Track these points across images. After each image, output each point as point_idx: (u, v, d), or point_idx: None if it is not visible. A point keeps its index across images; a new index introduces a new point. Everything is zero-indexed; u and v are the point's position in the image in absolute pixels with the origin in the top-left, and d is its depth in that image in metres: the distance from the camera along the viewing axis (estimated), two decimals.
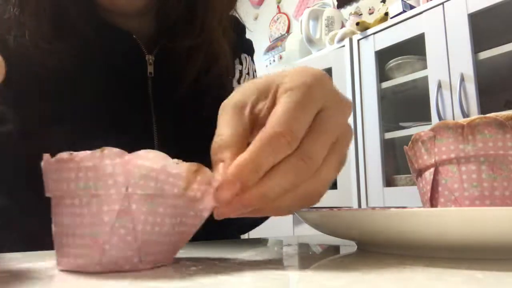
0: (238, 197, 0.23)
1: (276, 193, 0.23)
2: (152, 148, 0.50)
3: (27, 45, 0.41)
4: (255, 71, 0.63)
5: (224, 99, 0.33)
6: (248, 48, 0.63)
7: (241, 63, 0.60)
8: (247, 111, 0.25)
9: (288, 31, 2.73)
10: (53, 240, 0.22)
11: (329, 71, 1.89)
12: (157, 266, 0.23)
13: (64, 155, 0.21)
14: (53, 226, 0.21)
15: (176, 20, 0.49)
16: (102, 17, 0.46)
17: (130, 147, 0.24)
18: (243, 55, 0.60)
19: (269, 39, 2.80)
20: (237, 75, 0.58)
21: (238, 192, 0.22)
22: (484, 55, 1.38)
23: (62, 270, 0.21)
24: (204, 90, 0.51)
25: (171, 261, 0.24)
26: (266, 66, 2.38)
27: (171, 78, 0.49)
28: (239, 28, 0.61)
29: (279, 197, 0.23)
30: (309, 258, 0.28)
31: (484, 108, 1.35)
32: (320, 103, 0.24)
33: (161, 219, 0.22)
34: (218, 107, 0.27)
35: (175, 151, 0.27)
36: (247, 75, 0.60)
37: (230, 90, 0.55)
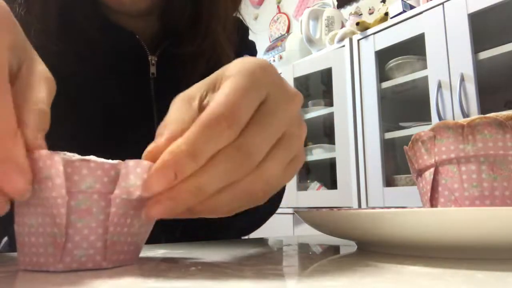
0: (168, 191, 0.20)
1: (212, 188, 0.21)
2: None
3: (33, 45, 0.42)
4: None
5: None
6: (250, 49, 0.63)
7: None
8: (195, 103, 0.24)
9: (288, 31, 2.73)
10: (16, 240, 0.22)
11: (329, 71, 1.89)
12: (121, 266, 0.23)
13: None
14: (15, 226, 0.21)
15: (180, 24, 0.48)
16: (106, 16, 0.46)
17: (132, 147, 0.24)
18: (245, 56, 0.60)
19: (269, 39, 2.80)
20: None
21: (172, 184, 0.20)
22: (484, 55, 1.38)
23: (25, 270, 0.22)
24: None
25: (135, 261, 0.24)
26: None
27: (174, 79, 0.49)
28: (243, 29, 0.61)
29: (215, 193, 0.21)
30: (309, 258, 0.28)
31: (484, 108, 1.36)
32: (263, 90, 0.22)
33: (131, 220, 0.22)
34: None
35: None
36: None
37: None
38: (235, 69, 0.22)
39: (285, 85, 0.24)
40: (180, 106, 0.24)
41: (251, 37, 0.65)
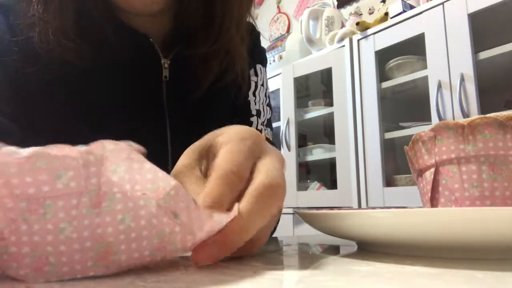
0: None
1: (255, 227, 0.23)
2: (165, 151, 0.49)
3: (51, 42, 0.42)
4: (267, 81, 0.63)
5: (239, 100, 0.35)
6: (262, 58, 0.63)
7: (256, 75, 0.59)
8: (198, 173, 0.28)
9: (288, 31, 2.73)
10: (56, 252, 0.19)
11: (329, 71, 1.89)
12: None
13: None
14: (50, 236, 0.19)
15: (194, 26, 0.48)
16: (120, 18, 0.46)
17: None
18: (258, 66, 0.60)
19: (269, 39, 2.80)
20: (252, 86, 0.58)
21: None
22: (484, 55, 1.38)
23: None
24: (219, 92, 0.51)
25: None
26: None
27: (186, 82, 0.49)
28: (255, 35, 0.61)
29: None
30: (309, 258, 0.28)
31: (484, 108, 1.36)
32: (257, 153, 0.26)
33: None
34: (231, 112, 0.27)
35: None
36: (261, 86, 0.60)
37: (243, 96, 0.56)
38: (229, 138, 0.27)
39: (271, 150, 0.28)
40: (195, 181, 0.27)
41: None
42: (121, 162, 0.19)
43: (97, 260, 0.19)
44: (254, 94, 0.58)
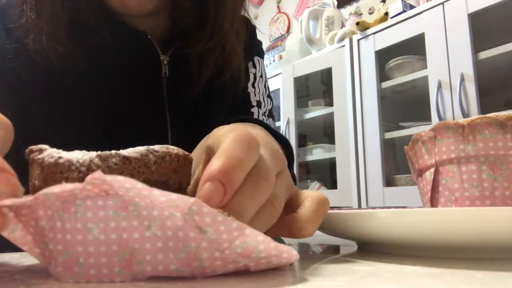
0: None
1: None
2: None
3: (44, 48, 0.42)
4: (265, 73, 0.64)
5: (236, 97, 0.33)
6: (259, 50, 0.63)
7: (254, 66, 0.60)
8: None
9: (288, 31, 2.73)
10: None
11: (329, 71, 1.89)
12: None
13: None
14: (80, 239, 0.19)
15: (189, 23, 0.48)
16: (116, 17, 0.46)
17: (144, 145, 0.24)
18: (256, 58, 0.61)
19: (269, 39, 2.80)
20: (251, 78, 0.59)
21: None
22: (484, 55, 1.38)
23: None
24: (218, 89, 0.52)
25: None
26: (266, 66, 2.38)
27: (185, 78, 0.50)
28: (251, 29, 0.61)
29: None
30: (309, 258, 0.28)
31: (484, 108, 1.36)
32: (256, 155, 0.23)
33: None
34: (231, 105, 0.26)
35: (189, 150, 0.28)
36: (260, 78, 0.61)
37: (242, 89, 0.56)
38: (230, 137, 0.22)
39: (272, 151, 0.26)
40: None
41: None
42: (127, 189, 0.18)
43: (122, 267, 0.19)
44: (253, 86, 0.58)
